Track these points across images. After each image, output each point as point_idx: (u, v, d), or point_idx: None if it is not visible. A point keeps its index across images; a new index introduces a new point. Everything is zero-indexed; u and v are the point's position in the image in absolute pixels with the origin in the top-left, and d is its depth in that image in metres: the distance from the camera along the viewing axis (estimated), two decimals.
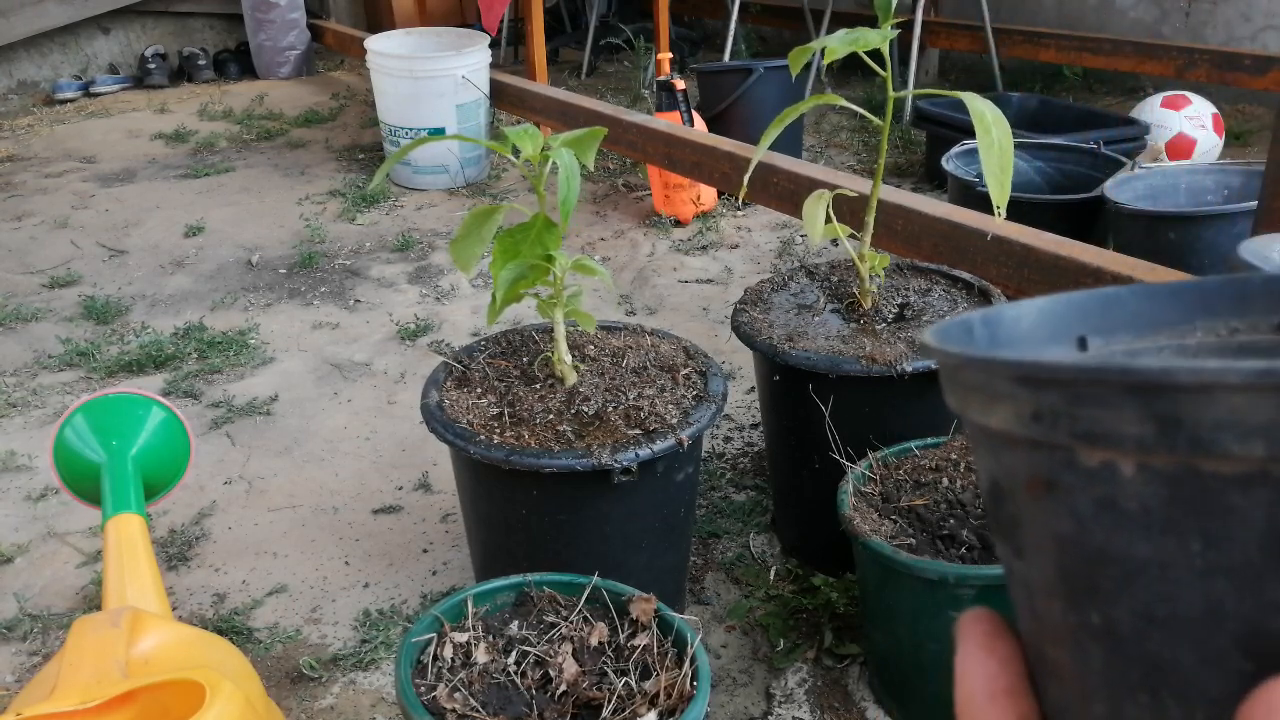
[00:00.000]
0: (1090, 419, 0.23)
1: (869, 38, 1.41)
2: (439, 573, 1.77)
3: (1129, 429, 0.23)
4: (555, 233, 1.39)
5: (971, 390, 0.27)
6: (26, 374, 2.46)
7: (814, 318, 1.67)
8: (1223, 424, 0.22)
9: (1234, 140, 3.52)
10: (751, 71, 3.46)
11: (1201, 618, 0.24)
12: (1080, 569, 0.26)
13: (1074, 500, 0.25)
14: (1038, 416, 0.25)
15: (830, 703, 1.49)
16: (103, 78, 4.93)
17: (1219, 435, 0.22)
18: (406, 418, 2.22)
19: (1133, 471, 0.23)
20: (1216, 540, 0.23)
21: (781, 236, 3.09)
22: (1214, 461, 0.22)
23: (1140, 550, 0.24)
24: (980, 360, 0.26)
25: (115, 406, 1.46)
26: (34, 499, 2.00)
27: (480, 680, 1.13)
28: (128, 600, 1.17)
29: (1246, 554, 0.23)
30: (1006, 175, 1.38)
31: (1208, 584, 0.23)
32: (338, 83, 5.01)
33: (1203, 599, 0.23)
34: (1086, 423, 0.24)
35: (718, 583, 1.73)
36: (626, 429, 1.41)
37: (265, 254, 3.10)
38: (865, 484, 1.46)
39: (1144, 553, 0.24)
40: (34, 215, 3.44)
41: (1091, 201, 2.43)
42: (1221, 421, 0.22)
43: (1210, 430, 0.22)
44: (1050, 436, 0.24)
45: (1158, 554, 0.24)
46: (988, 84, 4.03)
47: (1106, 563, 0.25)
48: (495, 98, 3.69)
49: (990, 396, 0.26)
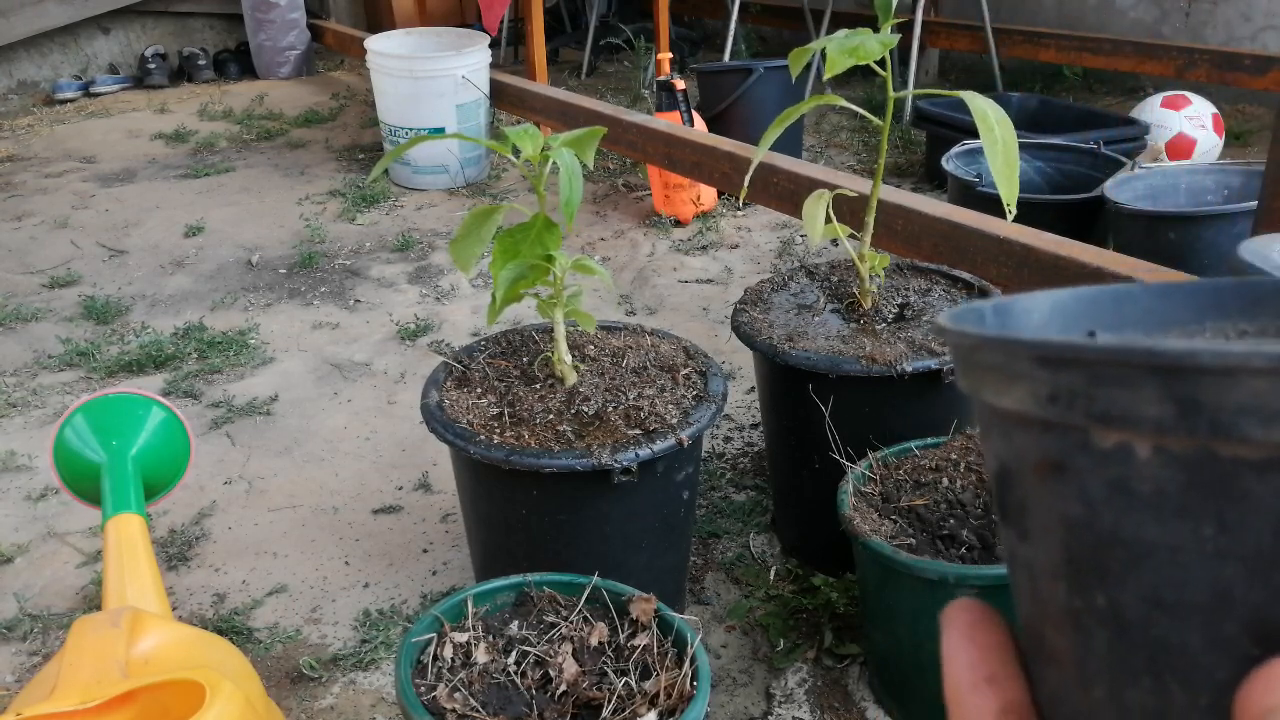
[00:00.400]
0: (1108, 399, 0.23)
1: (869, 49, 1.41)
2: (439, 573, 1.77)
3: (1148, 410, 0.23)
4: (555, 233, 1.39)
5: (988, 370, 0.27)
6: (26, 374, 2.46)
7: (814, 318, 1.67)
8: (1245, 408, 0.22)
9: (1234, 140, 3.52)
10: (751, 71, 3.46)
11: (1210, 603, 0.24)
12: (1087, 552, 0.25)
13: (1085, 482, 0.25)
14: (1054, 397, 0.24)
15: (830, 703, 1.49)
16: (103, 78, 4.93)
17: (1240, 419, 0.22)
18: (406, 418, 2.22)
19: (1149, 454, 0.23)
20: (1230, 526, 0.23)
21: (781, 236, 3.09)
22: (1233, 446, 0.22)
23: (1151, 533, 0.24)
24: (1000, 340, 0.26)
25: (115, 406, 1.46)
26: (34, 499, 2.00)
27: (480, 680, 1.13)
28: (128, 600, 1.17)
29: (1260, 540, 0.23)
30: (1013, 173, 1.38)
31: (1218, 569, 0.23)
32: (338, 83, 5.01)
33: (1212, 584, 0.23)
34: (1104, 403, 0.24)
35: (718, 583, 1.73)
36: (626, 429, 1.41)
37: (265, 254, 3.10)
38: (865, 484, 1.46)
39: (1154, 536, 0.24)
40: (34, 215, 3.44)
41: (1091, 201, 2.43)
42: (1244, 405, 0.22)
43: (1232, 414, 0.22)
44: (1066, 417, 0.24)
45: (1169, 538, 0.24)
46: (988, 84, 4.03)
47: (1115, 545, 0.25)
48: (495, 98, 3.69)
49: (1007, 377, 0.26)
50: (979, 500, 1.42)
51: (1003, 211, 2.16)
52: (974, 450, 1.47)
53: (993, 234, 2.07)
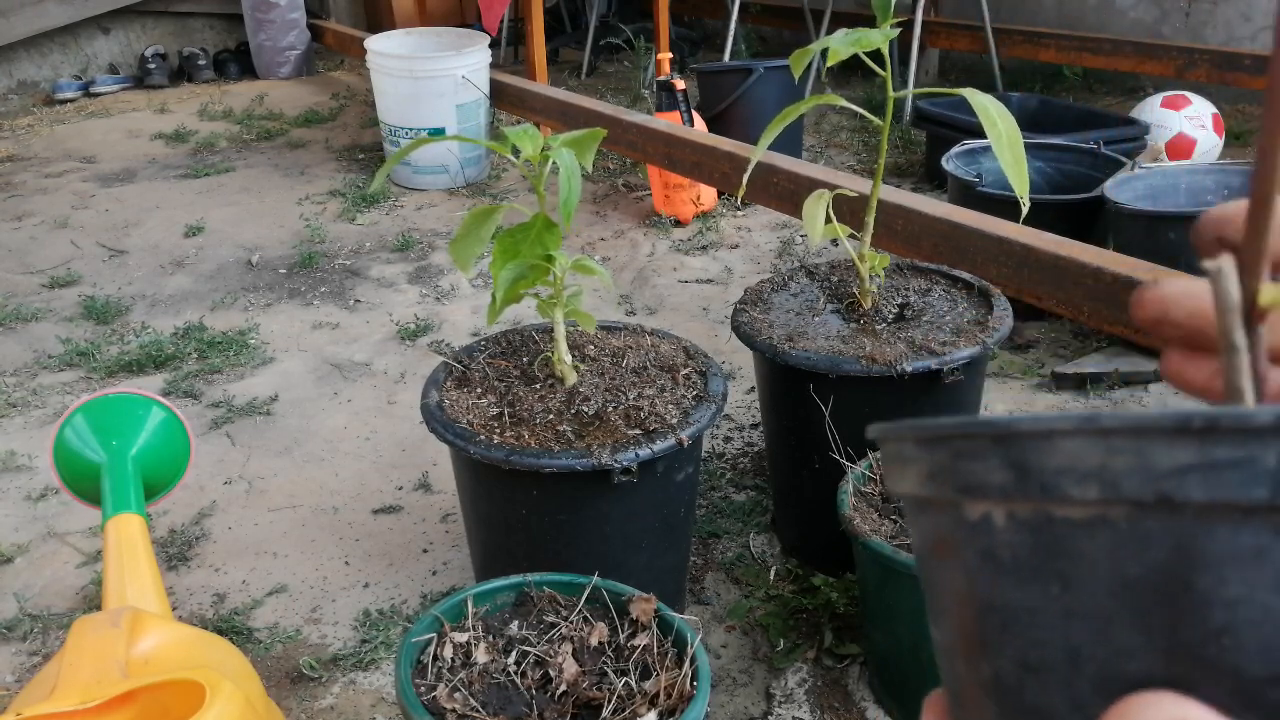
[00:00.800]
0: (967, 471, 0.25)
1: (870, 38, 1.41)
2: (439, 573, 1.77)
3: (994, 478, 0.25)
4: (555, 233, 1.39)
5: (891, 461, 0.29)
6: (26, 374, 2.46)
7: (814, 318, 1.67)
8: (1063, 469, 0.24)
9: (1234, 140, 3.52)
10: (751, 71, 3.46)
11: (1065, 662, 0.24)
12: (971, 624, 0.27)
13: (965, 555, 0.26)
14: (932, 475, 0.26)
15: (830, 703, 1.49)
16: (103, 78, 4.93)
17: (1060, 479, 0.24)
18: (406, 418, 2.22)
19: (1003, 521, 0.25)
20: (1071, 585, 0.24)
21: (781, 236, 3.09)
22: (1062, 506, 0.24)
23: (1014, 597, 0.25)
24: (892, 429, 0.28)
25: (115, 406, 1.46)
26: (34, 499, 2.00)
27: (480, 680, 1.13)
28: (128, 600, 1.17)
29: (1096, 598, 0.24)
30: (1022, 165, 1.38)
31: (1067, 629, 0.24)
32: (338, 83, 5.01)
33: (1064, 644, 0.24)
34: (964, 475, 0.25)
35: (718, 583, 1.73)
36: (626, 429, 1.41)
37: (265, 254, 3.10)
38: (865, 484, 1.46)
39: (1017, 600, 0.25)
40: (34, 215, 3.44)
41: (1091, 201, 2.43)
42: (1062, 467, 0.24)
43: (1054, 475, 0.24)
44: (941, 493, 0.26)
45: (1026, 600, 0.25)
46: (988, 84, 4.03)
47: (990, 613, 0.26)
48: (495, 98, 3.69)
49: (901, 461, 0.28)
50: None
51: (1003, 211, 2.17)
52: None
53: (993, 234, 2.07)
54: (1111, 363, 2.20)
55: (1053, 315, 2.29)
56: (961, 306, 1.67)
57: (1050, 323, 2.43)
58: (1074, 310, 1.97)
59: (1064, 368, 2.23)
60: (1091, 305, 1.93)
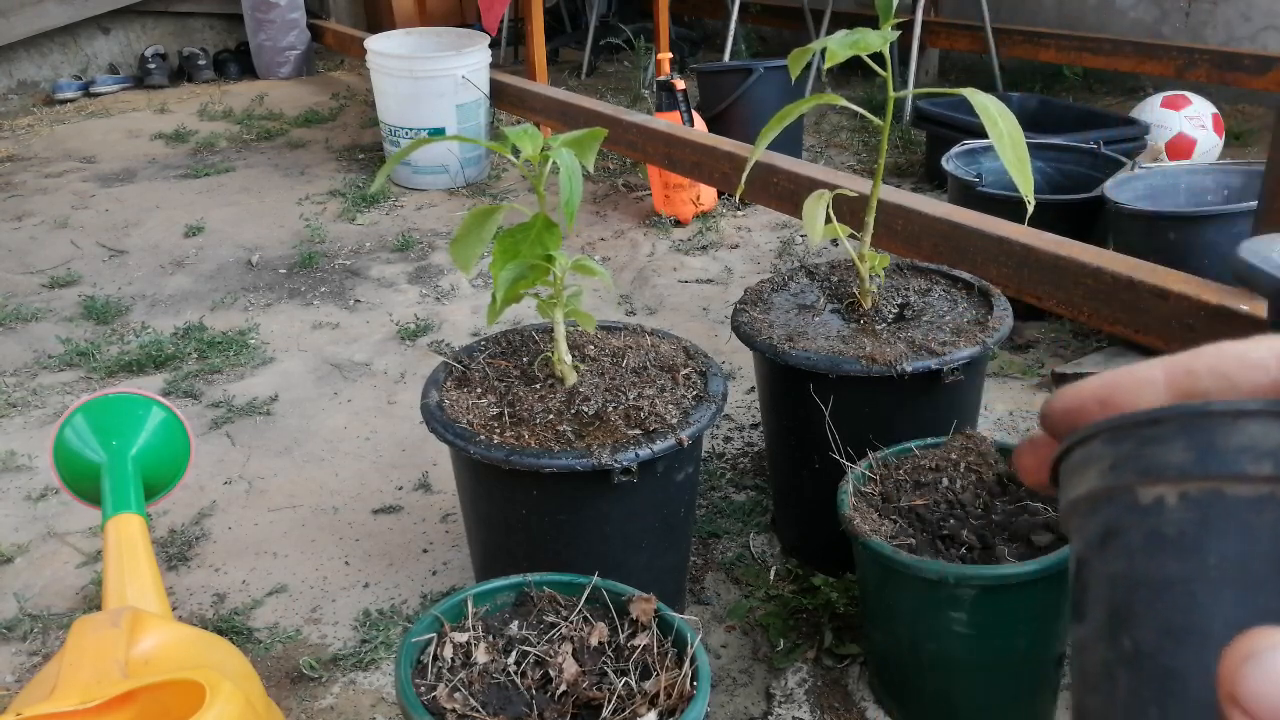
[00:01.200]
0: (1150, 456, 0.28)
1: (870, 40, 1.41)
2: (439, 573, 1.77)
3: (1175, 459, 0.27)
4: (555, 233, 1.39)
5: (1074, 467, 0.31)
6: (26, 374, 2.46)
7: (814, 318, 1.67)
8: (1244, 448, 0.26)
9: (1234, 140, 3.52)
10: (751, 71, 3.46)
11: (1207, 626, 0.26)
12: (1122, 600, 0.29)
13: (1129, 538, 0.28)
14: (1115, 465, 0.29)
15: (830, 703, 1.49)
16: (103, 78, 4.93)
17: (1241, 458, 0.26)
18: (406, 418, 2.22)
19: (1175, 500, 0.27)
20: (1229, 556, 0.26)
21: (781, 236, 3.09)
22: (1236, 484, 0.26)
23: (1171, 570, 0.27)
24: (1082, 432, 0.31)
25: (115, 406, 1.46)
26: (34, 499, 2.00)
27: (480, 680, 1.13)
28: (128, 600, 1.17)
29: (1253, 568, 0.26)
30: (1025, 165, 1.38)
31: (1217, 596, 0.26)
32: (338, 83, 5.01)
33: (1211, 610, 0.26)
34: (1146, 460, 0.28)
35: (718, 583, 1.73)
36: (626, 429, 1.41)
37: (265, 254, 3.10)
38: (865, 484, 1.46)
39: (1174, 571, 0.27)
40: (34, 215, 3.44)
41: (1091, 201, 2.43)
42: (1243, 446, 0.26)
43: (1235, 454, 0.26)
44: (1121, 480, 0.29)
45: (1184, 571, 0.27)
46: (988, 84, 4.02)
47: (1142, 587, 0.28)
48: (495, 98, 3.69)
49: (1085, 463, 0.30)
50: (979, 500, 1.42)
51: (1003, 211, 2.17)
52: (974, 450, 1.47)
53: (993, 234, 2.07)
54: (1111, 363, 2.20)
55: (1053, 315, 2.29)
56: (961, 306, 1.67)
57: (1050, 323, 2.43)
58: (1074, 310, 1.98)
59: (1064, 368, 2.23)
60: (1091, 305, 1.93)
